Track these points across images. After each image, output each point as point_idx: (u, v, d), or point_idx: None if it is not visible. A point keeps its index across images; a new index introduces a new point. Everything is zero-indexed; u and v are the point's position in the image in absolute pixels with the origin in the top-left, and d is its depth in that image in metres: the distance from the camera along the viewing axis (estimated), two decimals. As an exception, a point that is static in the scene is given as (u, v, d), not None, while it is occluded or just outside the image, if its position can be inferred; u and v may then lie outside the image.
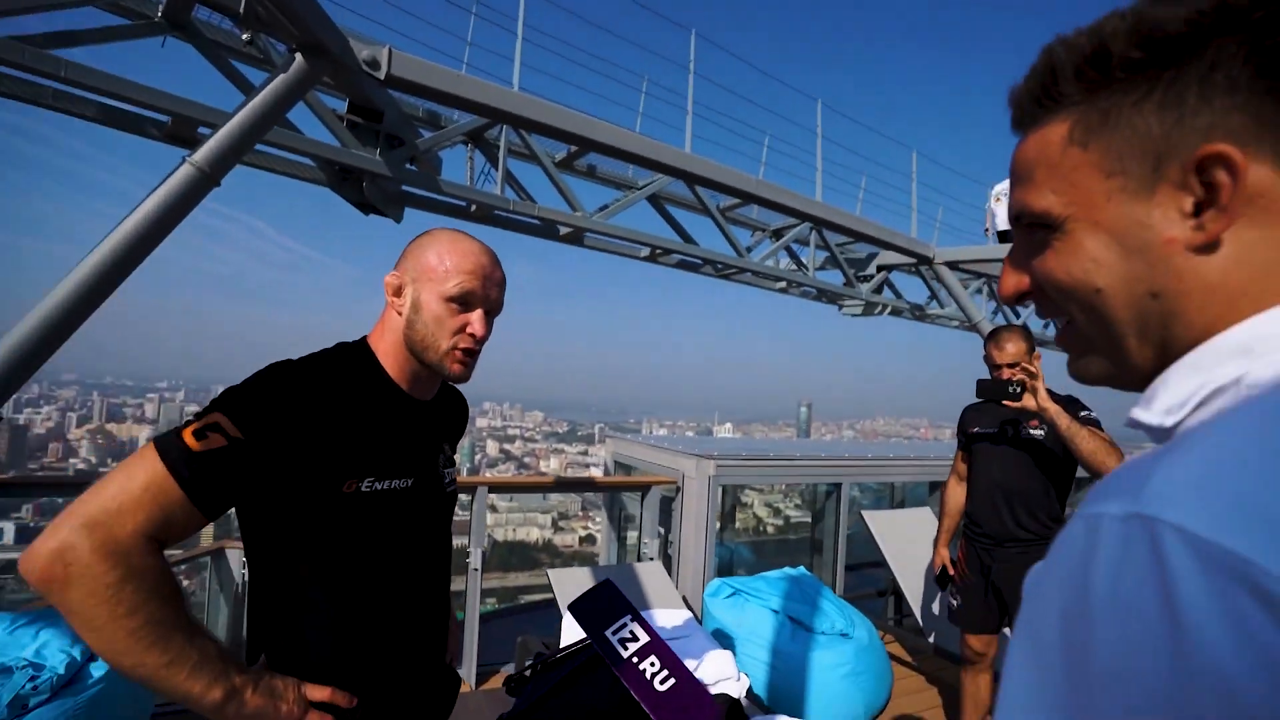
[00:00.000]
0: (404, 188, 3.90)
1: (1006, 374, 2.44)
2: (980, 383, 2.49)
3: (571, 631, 2.30)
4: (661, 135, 4.76)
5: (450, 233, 1.03)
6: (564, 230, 4.76)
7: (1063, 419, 2.28)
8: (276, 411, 0.84)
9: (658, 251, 5.51)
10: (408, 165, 3.67)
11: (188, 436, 0.79)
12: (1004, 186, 7.25)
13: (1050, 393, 2.33)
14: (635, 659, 0.82)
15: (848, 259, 6.86)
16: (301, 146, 3.32)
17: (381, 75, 3.01)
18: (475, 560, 3.20)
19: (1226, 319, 0.39)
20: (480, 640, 3.16)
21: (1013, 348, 2.48)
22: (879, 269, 6.92)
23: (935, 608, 3.55)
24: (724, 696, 0.79)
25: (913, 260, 6.40)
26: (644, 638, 0.84)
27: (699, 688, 0.77)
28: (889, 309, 7.40)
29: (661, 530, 4.01)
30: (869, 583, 4.93)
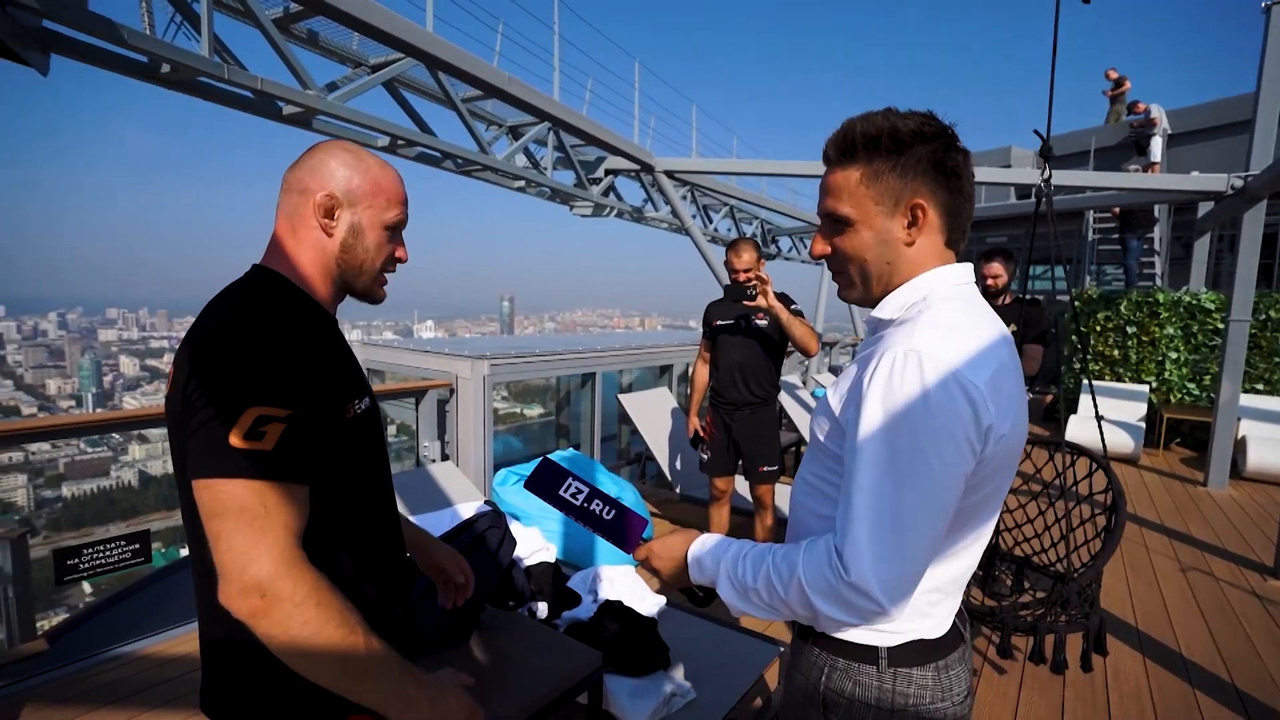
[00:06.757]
0: (59, 29, 2.88)
1: (743, 277, 3.08)
2: (726, 287, 3.10)
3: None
4: (391, 5, 4.25)
5: (370, 155, 1.01)
6: (289, 110, 4.02)
7: (784, 314, 3.03)
8: (293, 377, 0.83)
9: (399, 142, 5.02)
10: None
11: (239, 441, 0.76)
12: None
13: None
14: (585, 504, 1.09)
15: (580, 162, 7.14)
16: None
17: None
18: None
19: (914, 275, 0.86)
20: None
21: (748, 256, 3.12)
22: (607, 172, 7.36)
23: (679, 464, 4.38)
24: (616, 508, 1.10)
25: (637, 167, 6.94)
26: (586, 489, 1.11)
27: (631, 513, 1.08)
28: (615, 211, 8.00)
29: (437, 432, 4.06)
30: (622, 453, 5.73)
